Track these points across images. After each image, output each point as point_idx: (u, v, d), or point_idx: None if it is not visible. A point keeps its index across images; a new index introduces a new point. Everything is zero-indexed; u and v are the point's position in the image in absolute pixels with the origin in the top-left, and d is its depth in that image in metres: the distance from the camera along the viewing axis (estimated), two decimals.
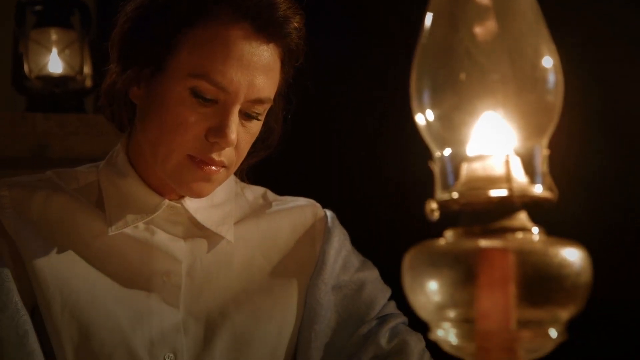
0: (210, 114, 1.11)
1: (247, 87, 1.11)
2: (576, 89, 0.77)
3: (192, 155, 1.12)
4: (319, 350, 1.23)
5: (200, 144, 1.12)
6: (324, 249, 1.29)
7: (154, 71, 1.13)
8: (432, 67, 0.64)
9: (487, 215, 0.61)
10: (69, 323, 1.14)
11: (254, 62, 1.11)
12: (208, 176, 1.14)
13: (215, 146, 1.12)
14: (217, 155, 1.12)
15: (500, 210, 0.61)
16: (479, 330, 0.59)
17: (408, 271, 0.62)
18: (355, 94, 1.97)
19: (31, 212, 1.19)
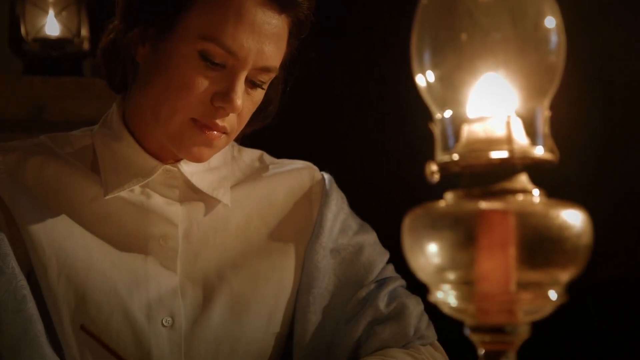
0: (217, 78, 1.10)
1: (256, 54, 1.10)
2: (577, 50, 0.76)
3: (196, 119, 1.11)
4: (317, 314, 1.23)
5: (205, 107, 1.11)
6: (321, 212, 1.28)
7: (161, 31, 1.12)
8: (432, 28, 0.63)
9: (488, 177, 0.60)
10: (66, 288, 1.14)
11: (265, 29, 1.10)
12: (209, 141, 1.13)
13: (220, 111, 1.11)
14: (220, 120, 1.12)
15: (501, 172, 0.60)
16: (478, 292, 0.59)
17: (408, 233, 0.61)
18: (355, 56, 1.95)
19: (25, 177, 1.18)
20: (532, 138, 0.62)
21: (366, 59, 1.96)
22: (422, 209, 0.61)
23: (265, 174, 1.32)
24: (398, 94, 1.50)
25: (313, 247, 1.26)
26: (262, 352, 1.22)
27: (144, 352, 1.13)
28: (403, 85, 0.95)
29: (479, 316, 0.60)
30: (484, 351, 0.62)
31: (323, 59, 1.27)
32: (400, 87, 1.23)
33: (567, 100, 0.69)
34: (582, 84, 1.16)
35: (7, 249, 1.13)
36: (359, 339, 1.23)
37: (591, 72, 1.37)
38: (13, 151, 1.20)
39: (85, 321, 1.12)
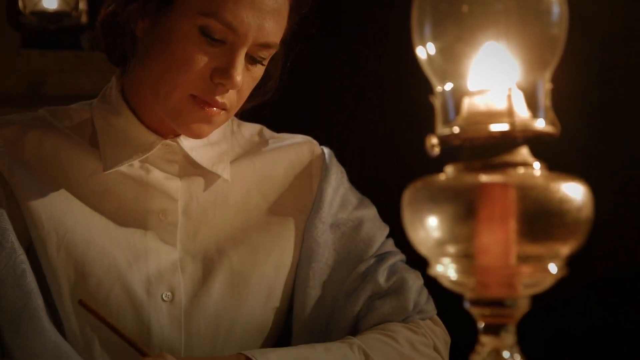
0: (217, 54, 1.09)
1: (256, 30, 1.09)
2: (579, 22, 0.75)
3: (195, 95, 1.11)
4: (317, 289, 1.23)
5: (205, 84, 1.10)
6: (321, 187, 1.28)
7: (161, 5, 1.11)
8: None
9: (488, 150, 0.60)
10: (65, 262, 1.14)
11: (265, 5, 1.09)
12: (209, 117, 1.12)
13: (220, 87, 1.10)
14: (220, 97, 1.11)
15: (502, 145, 0.60)
16: (478, 266, 0.58)
17: (408, 207, 0.61)
18: (355, 30, 1.94)
19: (24, 151, 1.18)
20: (533, 111, 0.61)
21: (366, 33, 1.95)
22: (422, 183, 0.61)
23: (265, 148, 1.31)
24: (398, 67, 1.49)
25: (313, 221, 1.26)
26: (261, 326, 1.22)
27: (144, 326, 1.14)
28: (403, 59, 0.94)
29: (479, 289, 0.60)
30: (483, 324, 0.62)
31: (323, 34, 1.26)
32: (400, 61, 1.22)
33: (568, 73, 0.69)
34: (583, 56, 1.15)
35: (7, 224, 1.13)
36: (358, 313, 1.23)
37: (593, 45, 1.37)
38: (11, 125, 1.20)
39: (85, 296, 1.12)
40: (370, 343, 1.15)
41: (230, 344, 1.17)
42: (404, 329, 1.20)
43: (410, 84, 0.98)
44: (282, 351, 1.09)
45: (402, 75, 1.32)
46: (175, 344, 1.14)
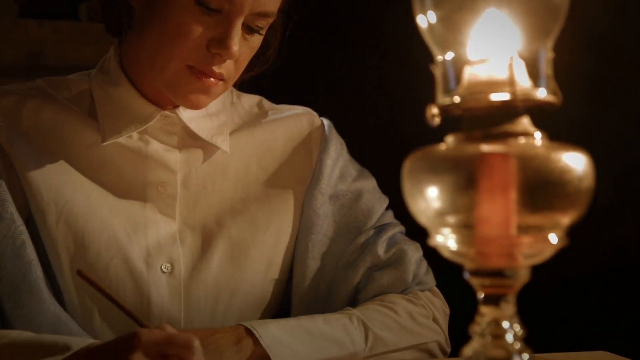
0: (213, 24, 1.09)
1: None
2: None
3: (192, 66, 1.10)
4: (316, 260, 1.24)
5: (201, 54, 1.09)
6: (320, 158, 1.28)
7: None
8: None
9: (489, 119, 0.59)
10: (65, 233, 1.14)
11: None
12: (206, 88, 1.12)
13: (216, 57, 1.09)
14: (217, 67, 1.10)
15: (503, 114, 0.59)
16: (478, 236, 0.58)
17: (408, 177, 0.61)
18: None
19: (22, 121, 1.18)
20: (535, 80, 0.61)
21: (366, 4, 1.93)
22: (422, 153, 0.61)
23: (264, 119, 1.31)
24: (398, 36, 1.48)
25: (312, 193, 1.26)
26: (261, 298, 1.22)
27: (144, 298, 1.14)
28: (403, 28, 0.93)
29: (479, 260, 0.60)
30: (483, 295, 0.62)
31: (322, 5, 1.25)
32: (400, 30, 1.21)
33: (571, 41, 0.68)
34: (586, 25, 1.14)
35: (6, 195, 1.13)
36: (357, 284, 1.23)
37: (596, 13, 1.35)
38: (9, 95, 1.19)
39: (84, 267, 1.12)
40: (369, 314, 1.15)
41: (230, 315, 1.18)
42: (403, 300, 1.21)
43: (410, 53, 0.98)
44: (282, 322, 1.10)
45: (401, 44, 1.31)
46: (175, 315, 1.14)
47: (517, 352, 0.61)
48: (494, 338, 0.61)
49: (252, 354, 1.04)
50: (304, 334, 1.08)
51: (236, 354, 1.02)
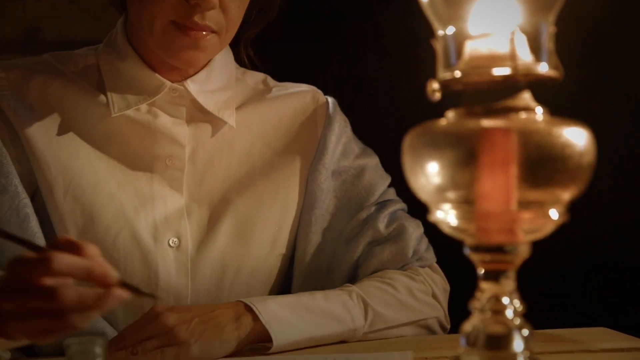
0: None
1: None
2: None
3: (175, 21, 1.10)
4: (318, 234, 1.24)
5: (181, 7, 1.09)
6: (325, 134, 1.28)
7: None
8: None
9: (490, 94, 0.59)
10: (73, 206, 1.14)
11: None
12: (195, 42, 1.12)
13: (197, 8, 1.09)
14: (199, 18, 1.10)
15: (504, 89, 0.59)
16: (479, 211, 0.58)
17: (408, 152, 0.61)
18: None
19: (30, 94, 1.18)
20: (536, 54, 0.60)
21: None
22: (423, 128, 0.60)
23: (269, 95, 1.31)
24: (398, 11, 1.47)
25: (316, 167, 1.26)
26: (267, 273, 1.23)
27: (152, 272, 1.15)
28: (403, 2, 0.93)
29: (479, 235, 0.60)
30: (483, 271, 0.62)
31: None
32: (400, 4, 1.20)
33: (573, 16, 0.67)
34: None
35: (10, 167, 1.13)
36: (357, 259, 1.24)
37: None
38: (16, 68, 1.19)
39: (92, 240, 1.12)
40: (368, 290, 1.15)
41: (236, 290, 1.19)
42: (402, 277, 1.21)
43: (410, 27, 0.97)
44: (281, 299, 1.10)
45: (402, 19, 1.31)
46: (182, 289, 1.15)
47: (517, 327, 0.61)
48: (494, 314, 0.61)
49: (252, 330, 1.04)
50: (303, 310, 1.08)
51: (236, 330, 1.03)
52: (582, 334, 1.11)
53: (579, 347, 1.02)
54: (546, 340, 1.07)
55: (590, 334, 1.10)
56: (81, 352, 0.62)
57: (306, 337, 1.06)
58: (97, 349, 0.62)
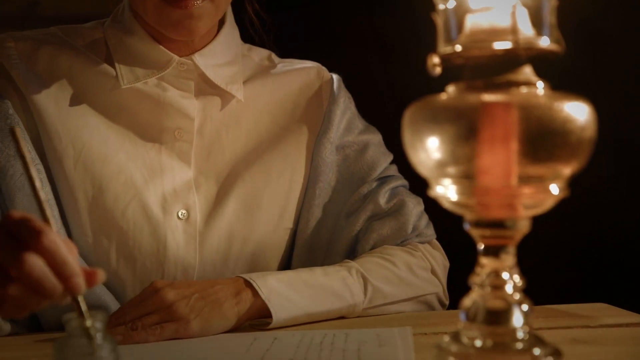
0: None
1: None
2: None
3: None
4: (320, 208, 1.25)
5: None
6: (330, 109, 1.29)
7: None
8: None
9: (491, 68, 0.59)
10: (83, 177, 1.15)
11: None
12: (189, 12, 1.12)
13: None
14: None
15: (505, 63, 0.59)
16: (479, 186, 0.58)
17: (408, 127, 0.60)
18: None
19: (39, 65, 1.18)
20: (538, 28, 0.60)
21: None
22: (423, 102, 0.60)
23: (274, 71, 1.32)
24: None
25: (321, 141, 1.27)
26: (273, 246, 1.23)
27: (160, 243, 1.15)
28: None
29: (480, 210, 0.59)
30: (483, 246, 0.62)
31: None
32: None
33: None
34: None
35: (23, 133, 1.13)
36: (357, 233, 1.24)
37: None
38: (25, 39, 1.19)
39: (102, 210, 1.13)
40: (368, 266, 1.16)
41: (242, 263, 1.20)
42: (402, 252, 1.21)
43: (411, 2, 0.96)
44: (281, 274, 1.10)
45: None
46: (190, 261, 1.16)
47: (517, 302, 0.61)
48: (494, 289, 0.61)
49: (252, 306, 1.04)
50: (303, 286, 1.09)
51: (235, 305, 1.03)
52: (581, 309, 1.11)
53: (579, 323, 1.02)
54: (545, 315, 1.08)
55: (590, 310, 1.11)
56: (81, 326, 0.62)
57: (305, 313, 1.07)
58: (97, 324, 0.62)
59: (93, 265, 1.13)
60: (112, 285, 1.15)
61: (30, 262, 0.65)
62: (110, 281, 1.15)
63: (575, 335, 0.94)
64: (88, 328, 0.62)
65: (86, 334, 0.62)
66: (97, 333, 0.62)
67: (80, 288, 0.63)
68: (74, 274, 0.64)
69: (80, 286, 0.63)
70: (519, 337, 0.60)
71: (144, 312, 0.99)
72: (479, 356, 0.60)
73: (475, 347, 0.61)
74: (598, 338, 0.93)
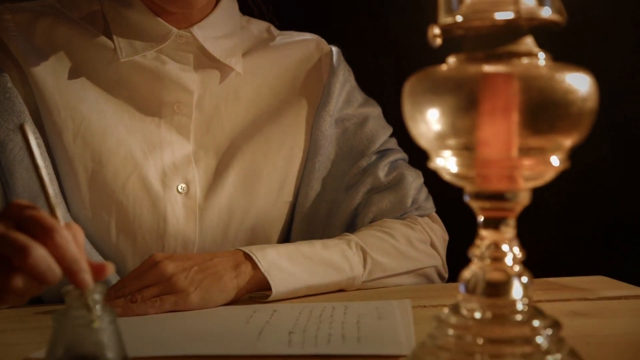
0: None
1: None
2: None
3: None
4: (319, 181, 1.25)
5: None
6: (329, 82, 1.29)
7: None
8: None
9: (492, 39, 0.58)
10: (82, 150, 1.14)
11: None
12: None
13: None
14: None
15: (506, 34, 0.58)
16: (479, 158, 0.57)
17: (408, 98, 0.60)
18: None
19: (36, 37, 1.17)
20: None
21: None
22: (424, 73, 0.59)
23: (273, 44, 1.31)
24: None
25: (321, 114, 1.27)
26: (273, 220, 1.23)
27: (160, 217, 1.15)
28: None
29: (480, 182, 0.59)
30: (483, 218, 0.62)
31: None
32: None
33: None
34: None
35: (22, 107, 1.13)
36: (357, 207, 1.24)
37: None
38: (22, 11, 1.19)
39: (102, 185, 1.13)
40: (367, 239, 1.16)
41: (241, 236, 1.20)
42: (401, 225, 1.21)
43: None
44: (280, 247, 1.10)
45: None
46: (190, 235, 1.16)
47: (516, 275, 0.61)
48: (493, 261, 0.61)
49: (251, 278, 1.04)
50: (302, 258, 1.09)
51: (235, 278, 1.03)
52: (580, 282, 1.11)
53: (577, 295, 1.02)
54: (545, 288, 1.08)
55: (589, 282, 1.11)
56: (80, 298, 0.62)
57: (305, 286, 1.07)
58: (96, 296, 0.62)
59: (93, 242, 1.13)
60: (112, 260, 1.15)
61: (35, 255, 0.64)
62: (111, 255, 1.15)
63: (574, 308, 0.95)
64: (87, 300, 0.61)
65: (85, 306, 0.61)
66: (96, 305, 0.62)
67: (88, 284, 0.63)
68: (81, 270, 0.64)
69: (88, 282, 0.63)
70: (519, 309, 0.60)
71: (144, 284, 0.99)
72: (478, 328, 0.60)
73: (475, 319, 0.61)
74: (597, 310, 0.94)
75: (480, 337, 0.59)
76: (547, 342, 0.59)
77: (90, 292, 0.62)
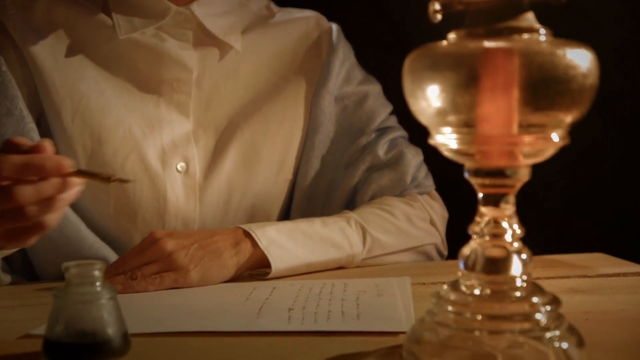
0: None
1: None
2: None
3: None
4: (318, 159, 1.25)
5: None
6: (329, 60, 1.28)
7: None
8: None
9: (493, 15, 0.58)
10: (81, 129, 1.14)
11: None
12: None
13: None
14: None
15: (507, 9, 0.57)
16: (479, 135, 0.57)
17: (409, 75, 0.59)
18: None
19: (35, 16, 1.17)
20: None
21: None
22: (424, 49, 0.59)
23: (272, 21, 1.31)
24: None
25: (320, 92, 1.27)
26: (273, 198, 1.24)
27: (160, 196, 1.15)
28: None
29: (480, 159, 0.59)
30: (482, 195, 0.62)
31: None
32: None
33: None
34: None
35: (15, 91, 1.13)
36: (356, 184, 1.24)
37: None
38: None
39: (101, 164, 1.13)
40: (367, 217, 1.16)
41: (241, 215, 1.20)
42: (400, 203, 1.21)
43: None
44: (280, 225, 1.10)
45: None
46: (190, 214, 1.16)
47: (516, 251, 0.61)
48: (493, 237, 0.61)
49: (251, 256, 1.04)
50: (302, 236, 1.09)
51: (235, 255, 1.03)
52: (580, 259, 1.12)
53: (577, 272, 1.03)
54: (544, 265, 1.08)
55: (588, 260, 1.11)
56: (79, 274, 0.62)
57: (304, 263, 1.07)
58: (96, 272, 0.62)
59: (93, 222, 1.13)
60: (114, 239, 1.16)
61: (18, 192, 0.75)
62: (111, 234, 1.15)
63: (573, 285, 0.95)
64: (87, 275, 0.62)
65: (85, 282, 0.62)
66: (96, 281, 0.62)
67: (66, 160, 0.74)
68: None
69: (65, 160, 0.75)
70: (518, 286, 0.61)
71: (144, 261, 0.99)
72: (478, 304, 0.60)
73: (474, 295, 0.61)
74: (596, 287, 0.94)
75: (480, 313, 0.60)
76: (546, 318, 0.59)
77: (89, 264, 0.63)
